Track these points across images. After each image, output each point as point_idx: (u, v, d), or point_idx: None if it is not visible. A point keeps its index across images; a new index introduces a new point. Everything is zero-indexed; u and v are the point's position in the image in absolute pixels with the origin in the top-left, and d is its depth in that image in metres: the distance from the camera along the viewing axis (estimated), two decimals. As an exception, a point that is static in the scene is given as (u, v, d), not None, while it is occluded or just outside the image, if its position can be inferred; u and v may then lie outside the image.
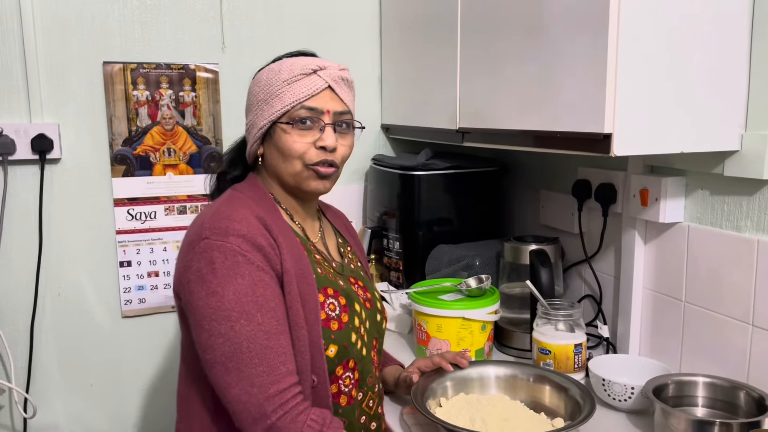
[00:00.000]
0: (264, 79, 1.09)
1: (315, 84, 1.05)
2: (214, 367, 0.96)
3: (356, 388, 1.11)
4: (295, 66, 1.06)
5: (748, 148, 1.20)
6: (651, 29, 1.10)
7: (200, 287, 0.97)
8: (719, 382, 1.19)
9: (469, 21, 1.51)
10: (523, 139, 1.34)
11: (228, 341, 0.95)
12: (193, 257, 0.99)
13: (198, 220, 1.04)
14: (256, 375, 0.94)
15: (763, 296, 1.21)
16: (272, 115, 1.06)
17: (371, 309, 1.18)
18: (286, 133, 1.06)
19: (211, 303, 0.96)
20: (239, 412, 0.95)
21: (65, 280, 1.82)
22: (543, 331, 1.36)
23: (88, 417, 1.88)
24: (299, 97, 1.05)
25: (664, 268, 1.43)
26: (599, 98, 1.10)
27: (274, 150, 1.08)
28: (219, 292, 0.95)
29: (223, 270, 0.96)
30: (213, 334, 0.95)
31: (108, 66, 1.79)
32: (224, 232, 0.98)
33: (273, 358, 0.96)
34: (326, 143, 1.06)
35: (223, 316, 0.95)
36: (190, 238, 1.02)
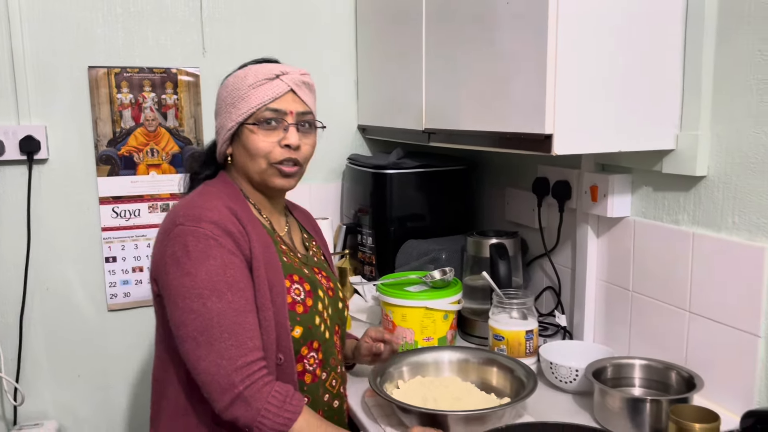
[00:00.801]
0: (231, 85, 1.18)
1: (278, 88, 1.14)
2: (186, 341, 1.04)
3: (320, 368, 1.20)
4: (260, 72, 1.15)
5: (682, 147, 1.29)
6: (588, 36, 1.19)
7: (175, 268, 1.05)
8: (653, 363, 1.29)
9: (432, 26, 1.60)
10: (481, 139, 1.43)
11: (200, 317, 1.03)
12: (168, 242, 1.07)
13: (172, 211, 1.13)
14: (225, 348, 1.02)
15: (699, 285, 1.30)
16: (239, 116, 1.14)
17: (333, 297, 1.27)
18: (252, 133, 1.14)
19: (185, 282, 1.04)
20: (209, 383, 1.03)
21: (53, 275, 1.91)
22: (497, 318, 1.45)
23: (76, 406, 1.97)
24: (264, 99, 1.13)
25: (614, 260, 1.52)
26: (540, 101, 1.19)
27: (241, 149, 1.17)
28: (192, 272, 1.04)
29: (196, 252, 1.05)
30: (186, 310, 1.04)
31: (93, 70, 1.88)
32: (197, 219, 1.07)
33: (241, 334, 1.04)
34: (290, 141, 1.15)
35: (195, 294, 1.03)
36: (165, 226, 1.11)
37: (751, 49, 1.17)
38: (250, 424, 1.02)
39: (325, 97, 2.12)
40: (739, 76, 1.20)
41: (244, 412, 1.01)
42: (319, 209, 2.17)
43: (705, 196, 1.29)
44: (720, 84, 1.24)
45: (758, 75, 1.16)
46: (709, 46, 1.24)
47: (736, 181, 1.22)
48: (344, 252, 2.05)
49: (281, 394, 1.04)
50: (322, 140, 2.19)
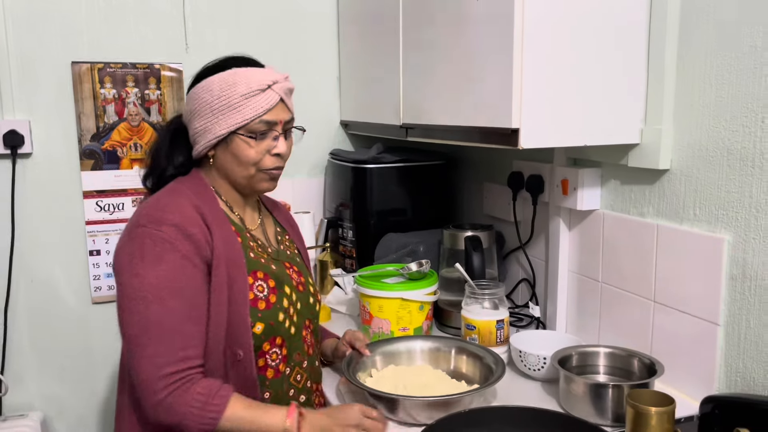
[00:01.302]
0: (218, 89, 1.15)
1: (270, 99, 1.15)
2: (125, 341, 1.08)
3: (284, 363, 1.22)
4: (251, 80, 1.14)
5: (646, 141, 1.33)
6: (553, 34, 1.23)
7: (128, 269, 1.08)
8: (617, 351, 1.33)
9: (409, 25, 1.64)
10: (454, 134, 1.46)
11: (141, 320, 1.06)
12: (128, 241, 1.10)
13: (138, 210, 1.15)
14: (156, 354, 1.05)
15: (663, 275, 1.34)
16: (231, 126, 1.14)
17: (303, 292, 1.29)
18: (244, 143, 1.16)
19: (133, 283, 1.07)
20: (137, 385, 1.06)
21: (37, 268, 1.93)
22: (470, 308, 1.48)
23: (61, 397, 2.00)
24: (258, 112, 1.14)
25: (584, 252, 1.56)
26: (507, 96, 1.22)
27: (229, 155, 1.18)
28: (141, 274, 1.06)
29: (150, 256, 1.07)
30: (129, 311, 1.07)
31: (76, 65, 1.90)
32: (159, 221, 1.09)
33: (175, 342, 1.06)
34: (281, 151, 1.18)
35: (140, 297, 1.06)
36: (130, 224, 1.13)
37: (711, 46, 1.21)
38: (177, 427, 1.05)
39: (308, 93, 2.16)
40: (699, 72, 1.23)
41: (168, 417, 1.04)
42: (301, 204, 2.21)
43: (668, 188, 1.32)
44: (682, 79, 1.27)
45: (716, 71, 1.20)
46: (672, 43, 1.28)
47: (697, 174, 1.26)
48: (325, 245, 2.08)
49: (203, 395, 1.05)
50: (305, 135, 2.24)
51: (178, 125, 1.26)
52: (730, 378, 1.21)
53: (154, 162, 1.26)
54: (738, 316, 1.19)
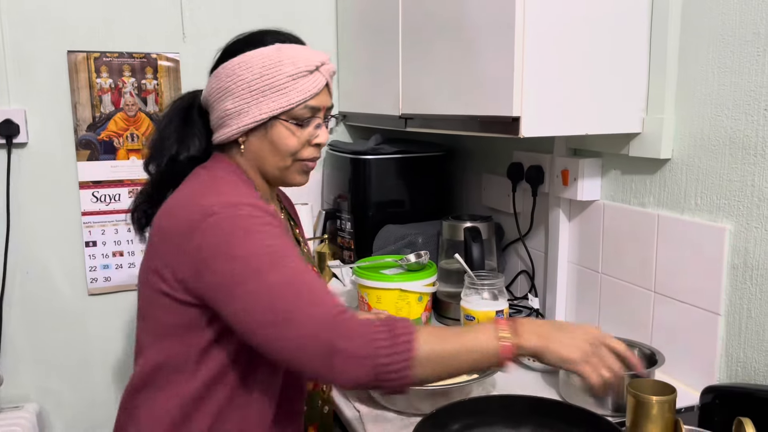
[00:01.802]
0: (258, 66, 1.02)
1: (318, 82, 1.05)
2: (259, 329, 0.89)
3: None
4: (298, 59, 1.03)
5: (648, 130, 1.32)
6: (555, 21, 1.21)
7: (223, 258, 0.92)
8: (617, 341, 1.32)
9: (408, 17, 1.63)
10: (455, 123, 1.45)
11: (263, 295, 0.89)
12: (202, 235, 0.93)
13: (186, 204, 0.99)
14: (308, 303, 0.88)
15: (663, 266, 1.33)
16: (274, 110, 1.02)
17: None
18: (286, 130, 1.05)
19: (234, 268, 0.91)
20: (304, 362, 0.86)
21: (33, 259, 1.92)
22: (469, 299, 1.47)
23: (57, 389, 1.99)
24: (305, 96, 1.03)
25: (584, 243, 1.55)
26: (508, 84, 1.21)
27: (266, 143, 1.05)
28: (240, 255, 0.91)
29: (238, 235, 0.92)
30: (246, 295, 0.89)
31: (72, 55, 1.88)
32: (232, 204, 0.96)
33: (318, 288, 0.90)
34: (322, 141, 1.08)
35: (250, 273, 0.90)
36: (187, 222, 0.95)
37: (713, 34, 1.20)
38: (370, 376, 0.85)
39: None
40: (702, 61, 1.22)
41: (357, 367, 0.84)
42: (299, 195, 2.18)
43: (669, 178, 1.32)
44: (684, 68, 1.27)
45: (718, 60, 1.19)
46: (674, 31, 1.27)
47: (698, 164, 1.25)
48: (323, 237, 2.07)
49: (386, 326, 0.86)
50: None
51: (191, 102, 1.13)
52: (731, 368, 1.21)
53: (161, 144, 1.10)
54: (739, 306, 1.18)
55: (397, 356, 0.84)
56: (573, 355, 0.90)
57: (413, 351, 0.85)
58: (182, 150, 1.09)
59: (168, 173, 1.09)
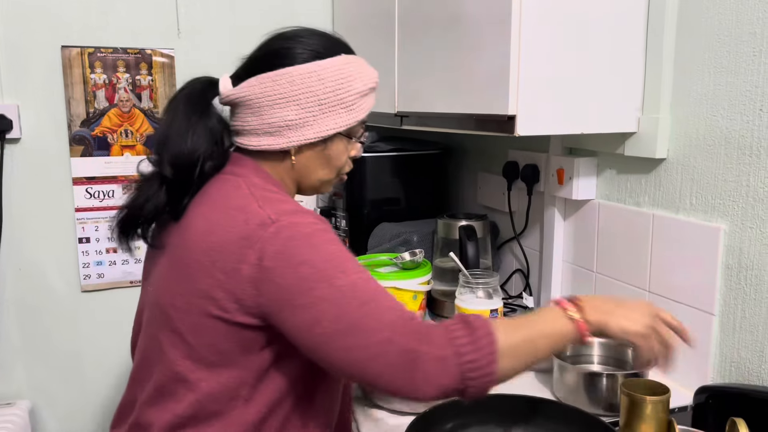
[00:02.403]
0: (331, 79, 0.97)
1: (373, 100, 1.05)
2: (329, 342, 0.83)
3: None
4: (365, 76, 1.02)
5: (644, 129, 1.32)
6: (551, 20, 1.21)
7: (287, 266, 0.86)
8: (611, 341, 1.32)
9: (404, 15, 1.62)
10: (451, 121, 1.45)
11: (333, 300, 0.84)
12: (264, 247, 0.86)
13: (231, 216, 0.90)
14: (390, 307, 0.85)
15: (658, 265, 1.33)
16: (341, 127, 0.99)
17: None
18: (344, 145, 1.03)
19: (302, 273, 0.85)
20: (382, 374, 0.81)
21: (26, 255, 1.91)
22: (463, 298, 1.47)
23: (50, 386, 1.98)
24: (366, 114, 1.03)
25: (579, 242, 1.55)
26: (504, 83, 1.21)
27: (321, 156, 1.01)
28: (308, 260, 0.86)
29: (304, 241, 0.87)
30: (316, 301, 0.84)
31: (66, 50, 1.87)
32: (290, 213, 0.90)
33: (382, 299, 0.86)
34: (359, 154, 1.08)
35: (318, 278, 0.85)
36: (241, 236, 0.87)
37: (710, 34, 1.19)
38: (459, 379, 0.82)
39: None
40: (698, 61, 1.22)
41: (442, 370, 0.81)
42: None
43: (665, 178, 1.32)
44: (680, 68, 1.26)
45: (714, 60, 1.19)
46: (670, 31, 1.26)
47: (694, 163, 1.25)
48: (318, 235, 2.06)
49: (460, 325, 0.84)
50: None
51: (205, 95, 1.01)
52: (725, 368, 1.21)
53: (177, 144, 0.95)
54: (733, 306, 1.18)
55: (481, 351, 0.82)
56: (634, 327, 0.92)
57: (495, 344, 0.82)
58: (206, 152, 0.96)
59: (189, 179, 0.95)
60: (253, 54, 1.02)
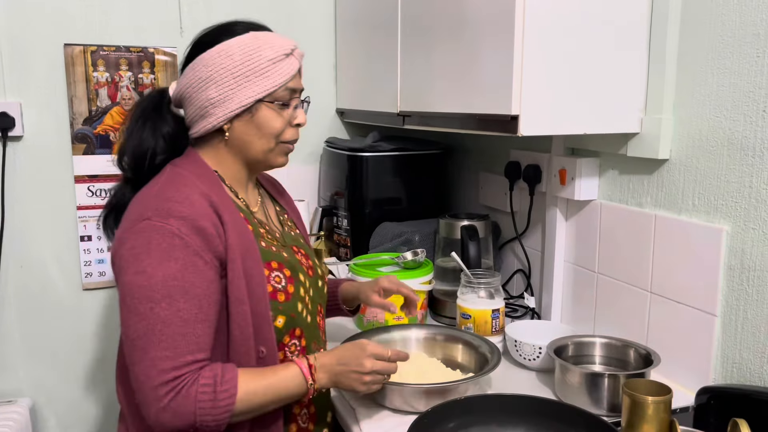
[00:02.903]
0: (239, 53, 1.06)
1: (293, 65, 1.11)
2: (126, 342, 0.99)
3: (302, 354, 1.15)
4: (275, 44, 1.09)
5: (646, 130, 1.32)
6: (554, 20, 1.21)
7: (131, 264, 0.98)
8: (613, 341, 1.32)
9: (407, 14, 1.62)
10: (453, 121, 1.45)
11: (144, 320, 0.97)
12: (131, 236, 1.00)
13: (141, 201, 1.05)
14: (159, 359, 0.96)
15: (660, 266, 1.33)
16: (258, 93, 1.07)
17: (313, 276, 1.23)
18: (270, 111, 1.09)
19: (138, 281, 0.97)
20: (137, 390, 0.98)
21: (27, 253, 1.91)
22: (465, 298, 1.47)
23: (51, 384, 1.97)
24: (285, 78, 1.09)
25: (581, 243, 1.55)
26: (507, 83, 1.21)
27: (252, 127, 1.09)
28: (148, 272, 0.97)
29: (157, 252, 0.98)
30: (132, 311, 0.98)
31: (69, 48, 1.87)
32: (166, 214, 1.00)
33: (182, 346, 0.97)
34: (301, 121, 1.14)
35: (146, 297, 0.97)
36: (132, 215, 1.03)
37: (713, 36, 1.20)
38: (190, 429, 0.98)
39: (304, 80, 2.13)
40: (701, 61, 1.22)
41: (176, 422, 0.97)
42: (296, 192, 2.17)
43: (667, 178, 1.32)
44: (683, 68, 1.26)
45: (718, 61, 1.19)
46: (674, 32, 1.26)
47: (697, 164, 1.25)
48: (320, 234, 2.07)
49: (209, 385, 0.98)
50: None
51: (159, 100, 1.15)
52: (726, 369, 1.21)
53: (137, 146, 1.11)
54: (735, 307, 1.18)
55: (218, 417, 0.98)
56: (359, 386, 1.10)
57: (232, 407, 0.99)
58: (155, 147, 1.12)
59: (146, 175, 1.11)
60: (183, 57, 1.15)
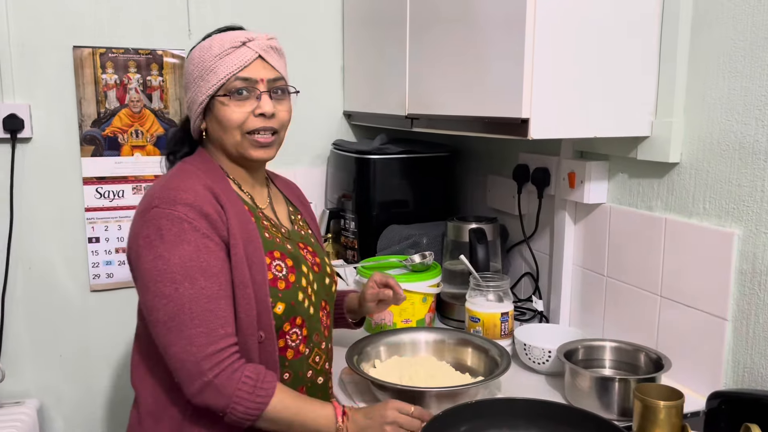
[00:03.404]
0: (197, 57, 1.14)
1: (245, 55, 1.11)
2: (157, 326, 1.04)
3: (303, 344, 1.18)
4: (225, 40, 1.12)
5: (657, 133, 1.32)
6: (565, 23, 1.21)
7: (148, 251, 1.04)
8: (623, 345, 1.32)
9: (416, 16, 1.62)
10: (462, 124, 1.45)
11: (171, 302, 1.02)
12: (143, 225, 1.06)
13: (149, 192, 1.11)
14: (195, 335, 1.02)
15: (670, 270, 1.32)
16: (209, 89, 1.12)
17: (319, 272, 1.24)
18: (224, 105, 1.12)
19: (157, 266, 1.03)
20: (178, 370, 1.03)
21: (35, 254, 1.91)
22: (474, 301, 1.47)
23: (58, 385, 1.98)
24: (232, 69, 1.11)
25: (590, 246, 1.55)
26: (518, 86, 1.21)
27: (215, 123, 1.15)
28: (165, 256, 1.03)
29: (170, 236, 1.04)
30: (158, 295, 1.03)
31: (78, 50, 1.88)
32: (172, 201, 1.05)
33: (212, 321, 1.03)
34: (264, 110, 1.12)
35: (168, 279, 1.02)
36: (141, 207, 1.09)
37: (724, 40, 1.19)
38: (222, 410, 1.02)
39: (311, 82, 2.14)
40: (713, 65, 1.22)
41: (215, 400, 1.02)
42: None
43: (678, 182, 1.31)
44: (694, 72, 1.26)
45: (729, 64, 1.19)
46: (685, 35, 1.26)
47: (707, 168, 1.25)
48: (327, 236, 2.06)
49: (252, 379, 1.04)
50: (307, 125, 2.22)
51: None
52: (737, 373, 1.21)
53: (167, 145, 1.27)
54: (747, 311, 1.18)
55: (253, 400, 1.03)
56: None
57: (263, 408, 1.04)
58: (178, 148, 1.24)
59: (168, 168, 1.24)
60: None
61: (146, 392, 1.15)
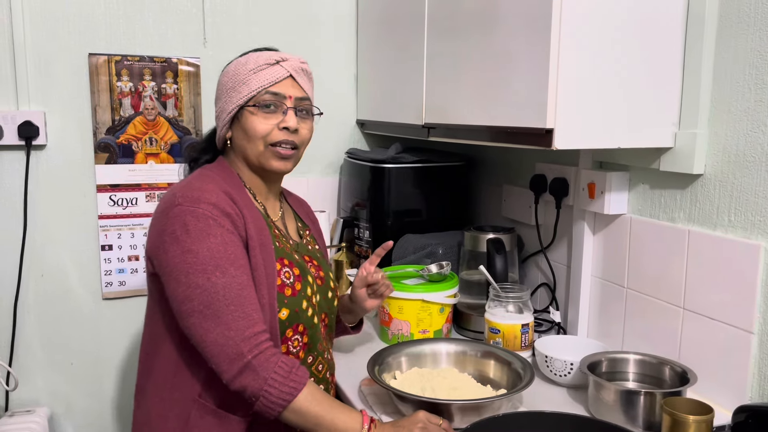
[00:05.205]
0: (232, 70, 1.21)
1: (278, 73, 1.18)
2: (192, 316, 1.06)
3: (304, 351, 1.22)
4: (260, 58, 1.19)
5: (680, 145, 1.31)
6: (590, 34, 1.20)
7: (175, 246, 1.07)
8: (648, 358, 1.30)
9: (434, 25, 1.62)
10: (480, 133, 1.44)
11: (205, 291, 1.05)
12: (167, 221, 1.10)
13: (170, 191, 1.15)
14: (232, 320, 1.05)
15: (693, 282, 1.31)
16: (240, 100, 1.18)
17: (323, 285, 1.29)
18: (252, 115, 1.17)
19: (187, 259, 1.06)
20: (217, 355, 1.05)
21: (48, 261, 1.90)
22: (494, 312, 1.46)
23: (69, 394, 1.96)
24: (264, 83, 1.17)
25: (609, 257, 1.54)
26: (542, 96, 1.20)
27: (241, 132, 1.20)
28: (194, 250, 1.06)
29: (196, 231, 1.07)
30: (191, 285, 1.06)
31: (93, 57, 1.87)
32: (196, 200, 1.10)
33: (247, 306, 1.07)
34: (288, 124, 1.18)
35: (199, 270, 1.06)
36: (163, 206, 1.13)
37: (750, 50, 1.19)
38: (257, 393, 1.04)
39: (324, 91, 2.12)
40: (738, 76, 1.21)
41: (252, 381, 1.03)
42: (316, 203, 2.18)
43: (701, 194, 1.30)
44: (719, 83, 1.26)
45: (756, 76, 1.18)
46: (709, 46, 1.26)
47: (733, 180, 1.24)
48: (341, 245, 2.05)
49: (287, 365, 1.06)
50: (320, 134, 2.21)
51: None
52: (764, 387, 1.19)
53: (188, 154, 1.32)
54: (774, 325, 1.17)
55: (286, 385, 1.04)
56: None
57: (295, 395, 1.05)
58: (200, 155, 1.30)
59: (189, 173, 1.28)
60: None
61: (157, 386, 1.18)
